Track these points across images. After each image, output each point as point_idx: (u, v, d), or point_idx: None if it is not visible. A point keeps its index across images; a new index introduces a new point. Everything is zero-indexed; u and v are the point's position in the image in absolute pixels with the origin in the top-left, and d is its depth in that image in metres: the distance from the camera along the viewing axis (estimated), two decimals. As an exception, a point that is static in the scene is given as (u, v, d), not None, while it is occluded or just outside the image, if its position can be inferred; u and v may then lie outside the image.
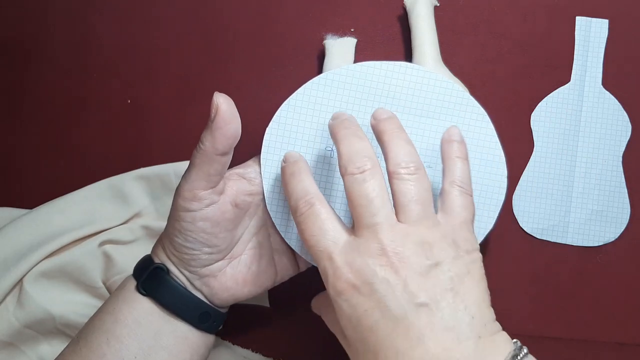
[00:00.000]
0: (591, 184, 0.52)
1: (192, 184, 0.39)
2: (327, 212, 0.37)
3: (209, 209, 0.40)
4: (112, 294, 0.43)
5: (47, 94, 0.55)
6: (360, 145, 0.38)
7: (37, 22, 0.55)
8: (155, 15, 0.54)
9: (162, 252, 0.42)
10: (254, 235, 0.44)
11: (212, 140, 0.38)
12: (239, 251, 0.43)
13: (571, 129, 0.52)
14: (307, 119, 0.44)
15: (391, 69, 0.44)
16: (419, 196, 0.36)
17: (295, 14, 0.54)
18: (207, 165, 0.39)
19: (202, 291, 0.42)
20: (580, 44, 0.53)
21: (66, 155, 0.54)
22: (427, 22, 0.49)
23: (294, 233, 0.44)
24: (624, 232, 0.51)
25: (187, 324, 0.42)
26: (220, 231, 0.41)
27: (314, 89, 0.44)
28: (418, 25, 0.49)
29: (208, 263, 0.42)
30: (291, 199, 0.38)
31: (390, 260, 0.34)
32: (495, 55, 0.53)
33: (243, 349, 0.51)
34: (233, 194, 0.42)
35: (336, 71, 0.44)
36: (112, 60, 0.55)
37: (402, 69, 0.44)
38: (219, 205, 0.40)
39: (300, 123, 0.44)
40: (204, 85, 0.54)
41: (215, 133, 0.38)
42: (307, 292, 0.52)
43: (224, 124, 0.38)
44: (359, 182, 0.36)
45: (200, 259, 0.41)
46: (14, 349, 0.49)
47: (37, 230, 0.50)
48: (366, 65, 0.44)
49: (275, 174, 0.44)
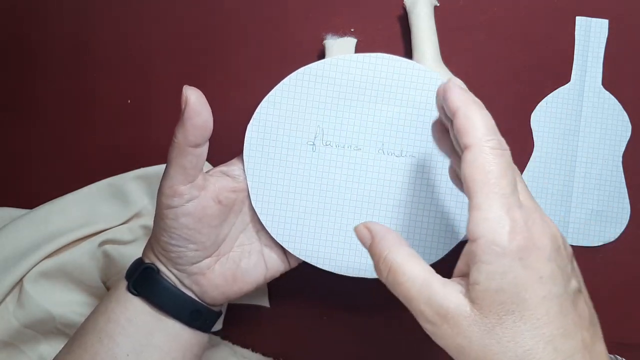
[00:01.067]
0: (591, 184, 0.52)
1: (170, 180, 0.40)
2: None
3: (190, 204, 0.40)
4: (105, 296, 0.44)
5: (47, 94, 0.55)
6: (494, 122, 0.33)
7: (37, 22, 0.55)
8: (155, 15, 0.54)
9: (151, 252, 0.43)
10: (241, 232, 0.45)
11: (184, 132, 0.39)
12: (227, 248, 0.44)
13: (571, 129, 0.52)
14: (287, 114, 0.44)
15: (373, 62, 0.44)
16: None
17: (295, 14, 0.54)
18: (182, 159, 0.39)
19: (193, 289, 0.43)
20: (580, 44, 0.53)
21: (66, 155, 0.54)
22: (427, 22, 0.49)
23: (280, 229, 0.44)
24: (624, 232, 0.51)
25: (179, 323, 0.42)
26: (204, 227, 0.41)
27: (292, 85, 0.44)
28: (418, 25, 0.49)
29: (195, 260, 0.42)
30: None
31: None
32: (495, 55, 0.53)
33: (243, 349, 0.51)
34: (215, 190, 0.42)
35: (315, 65, 0.44)
36: (112, 60, 0.55)
37: (380, 60, 0.44)
38: (200, 201, 0.41)
39: (281, 119, 0.44)
40: (204, 85, 0.54)
41: (185, 124, 0.38)
42: (307, 292, 0.52)
43: (194, 115, 0.38)
44: (500, 156, 0.32)
45: (186, 256, 0.41)
46: (14, 349, 0.49)
47: (37, 230, 0.50)
48: (346, 59, 0.44)
49: (259, 170, 0.44)
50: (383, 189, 0.44)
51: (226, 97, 0.54)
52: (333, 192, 0.44)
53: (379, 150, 0.44)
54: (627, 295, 0.51)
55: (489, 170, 0.31)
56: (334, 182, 0.44)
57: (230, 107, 0.53)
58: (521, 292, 0.30)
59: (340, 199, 0.44)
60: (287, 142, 0.44)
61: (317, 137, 0.44)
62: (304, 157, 0.44)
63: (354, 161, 0.44)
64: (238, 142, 0.53)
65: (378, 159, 0.44)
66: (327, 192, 0.44)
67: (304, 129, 0.44)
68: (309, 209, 0.44)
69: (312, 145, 0.44)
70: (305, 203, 0.44)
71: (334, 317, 0.52)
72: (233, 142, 0.54)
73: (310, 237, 0.45)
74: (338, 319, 0.52)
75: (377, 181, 0.44)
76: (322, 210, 0.44)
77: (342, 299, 0.52)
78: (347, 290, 0.51)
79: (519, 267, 0.30)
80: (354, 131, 0.44)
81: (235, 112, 0.54)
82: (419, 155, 0.44)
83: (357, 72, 0.44)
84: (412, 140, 0.44)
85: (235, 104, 0.53)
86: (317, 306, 0.52)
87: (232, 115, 0.54)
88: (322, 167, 0.44)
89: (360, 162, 0.44)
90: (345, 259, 0.45)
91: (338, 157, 0.44)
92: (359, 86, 0.44)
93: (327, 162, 0.44)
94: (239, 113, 0.54)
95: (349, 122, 0.43)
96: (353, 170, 0.44)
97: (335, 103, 0.44)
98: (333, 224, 0.45)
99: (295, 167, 0.44)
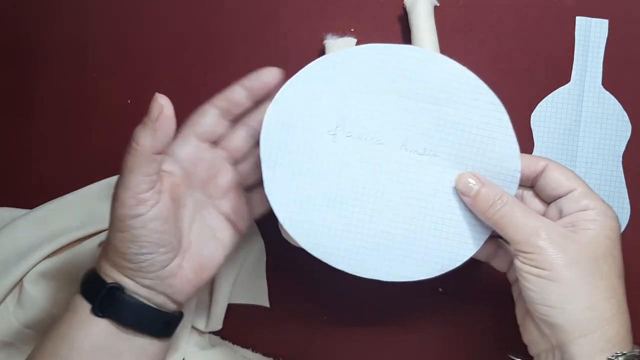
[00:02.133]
0: (591, 184, 0.51)
1: (133, 189, 0.39)
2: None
3: (156, 208, 0.40)
4: (63, 317, 0.42)
5: (47, 94, 0.55)
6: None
7: (37, 22, 0.55)
8: (155, 16, 0.54)
9: (111, 269, 0.41)
10: (192, 223, 0.44)
11: (154, 140, 0.39)
12: (187, 242, 0.43)
13: (571, 129, 0.52)
14: (308, 102, 0.42)
15: (396, 52, 0.42)
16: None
17: (295, 14, 0.54)
18: (146, 166, 0.39)
19: (166, 293, 0.42)
20: (580, 44, 0.53)
21: (66, 155, 0.54)
22: (427, 22, 0.49)
23: (293, 220, 0.42)
24: (624, 232, 0.51)
25: (148, 337, 0.42)
26: (170, 227, 0.41)
27: (315, 71, 0.42)
28: (418, 25, 0.49)
29: (167, 263, 0.41)
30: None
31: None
32: (495, 55, 0.53)
33: (243, 348, 0.51)
34: (168, 188, 0.42)
35: (339, 53, 0.42)
36: (112, 60, 0.55)
37: (407, 51, 0.42)
38: (164, 202, 0.41)
39: (301, 106, 0.42)
40: (204, 85, 0.54)
41: (158, 133, 0.39)
42: (307, 292, 0.52)
43: (168, 124, 0.39)
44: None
45: (158, 262, 0.41)
46: (14, 349, 0.49)
47: (37, 230, 0.50)
48: (369, 48, 0.42)
49: (276, 157, 0.42)
50: (403, 187, 0.43)
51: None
52: (351, 185, 0.43)
53: (401, 147, 0.43)
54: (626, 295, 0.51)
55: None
56: (352, 175, 0.43)
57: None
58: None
59: (359, 194, 0.43)
60: (307, 130, 0.42)
61: (338, 127, 0.43)
62: (324, 146, 0.42)
63: (375, 154, 0.43)
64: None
65: (400, 155, 0.43)
66: (345, 185, 0.43)
67: (325, 117, 0.42)
68: (326, 201, 0.43)
69: (333, 135, 0.42)
70: (322, 195, 0.43)
71: (334, 317, 0.52)
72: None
73: (324, 233, 0.43)
74: (338, 319, 0.52)
75: (397, 178, 0.43)
76: (339, 204, 0.43)
77: (342, 299, 0.52)
78: (348, 290, 0.51)
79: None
80: (377, 124, 0.42)
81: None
82: (442, 155, 0.43)
83: (384, 63, 0.42)
84: (437, 139, 0.42)
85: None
86: (317, 306, 0.52)
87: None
88: (341, 158, 0.43)
89: (381, 157, 0.43)
90: (360, 257, 0.43)
91: (359, 149, 0.43)
92: (385, 79, 0.42)
93: (346, 153, 0.43)
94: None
95: (372, 114, 0.42)
96: (373, 164, 0.43)
97: (358, 93, 0.42)
98: (349, 219, 0.43)
99: (313, 157, 0.43)
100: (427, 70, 0.42)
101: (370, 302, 0.52)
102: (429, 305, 0.52)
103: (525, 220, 0.39)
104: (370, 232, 0.42)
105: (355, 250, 0.43)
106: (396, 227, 0.42)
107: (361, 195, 0.43)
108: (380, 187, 0.43)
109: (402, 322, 0.52)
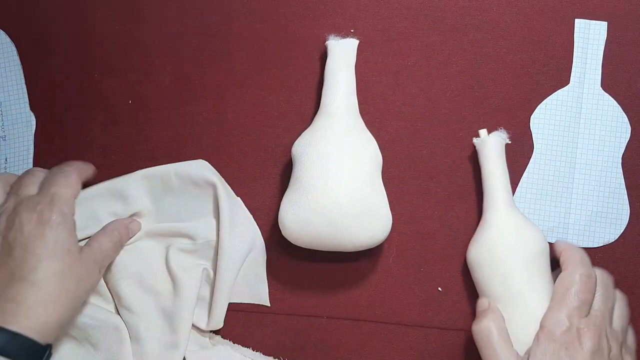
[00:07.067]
0: (591, 186, 0.52)
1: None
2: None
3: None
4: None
5: (47, 94, 0.54)
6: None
7: (37, 22, 0.55)
8: (155, 16, 0.54)
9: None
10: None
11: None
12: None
13: (570, 130, 0.52)
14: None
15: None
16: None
17: (295, 15, 0.54)
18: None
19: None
20: (580, 46, 0.53)
21: (66, 155, 0.54)
22: (497, 163, 0.49)
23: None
24: (623, 233, 0.52)
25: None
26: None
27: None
28: (488, 168, 0.49)
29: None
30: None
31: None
32: (495, 56, 0.53)
33: (243, 347, 0.51)
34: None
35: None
36: (113, 60, 0.54)
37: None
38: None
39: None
40: (204, 85, 0.54)
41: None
42: (307, 292, 0.52)
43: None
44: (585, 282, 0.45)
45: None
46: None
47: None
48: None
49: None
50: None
51: (226, 97, 0.54)
52: None
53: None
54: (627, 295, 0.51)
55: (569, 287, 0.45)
56: None
57: (230, 107, 0.53)
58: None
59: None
60: None
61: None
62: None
63: None
64: (237, 141, 0.53)
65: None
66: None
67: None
68: None
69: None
70: None
71: (334, 317, 0.52)
72: (233, 141, 0.54)
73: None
74: (338, 318, 0.52)
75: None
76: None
77: (342, 299, 0.52)
78: (347, 290, 0.51)
79: (563, 353, 0.43)
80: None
81: (235, 111, 0.54)
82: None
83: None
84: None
85: (235, 104, 0.54)
86: (317, 306, 0.52)
87: (232, 115, 0.54)
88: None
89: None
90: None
91: None
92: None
93: None
94: (239, 114, 0.54)
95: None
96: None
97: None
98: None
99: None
100: None
101: (370, 301, 0.52)
102: (429, 305, 0.52)
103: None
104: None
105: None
106: None
107: None
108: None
109: (402, 322, 0.52)
